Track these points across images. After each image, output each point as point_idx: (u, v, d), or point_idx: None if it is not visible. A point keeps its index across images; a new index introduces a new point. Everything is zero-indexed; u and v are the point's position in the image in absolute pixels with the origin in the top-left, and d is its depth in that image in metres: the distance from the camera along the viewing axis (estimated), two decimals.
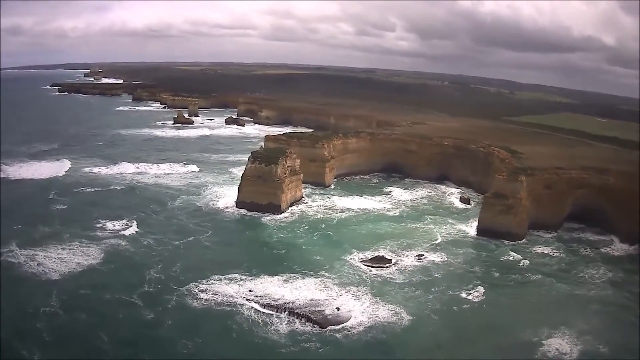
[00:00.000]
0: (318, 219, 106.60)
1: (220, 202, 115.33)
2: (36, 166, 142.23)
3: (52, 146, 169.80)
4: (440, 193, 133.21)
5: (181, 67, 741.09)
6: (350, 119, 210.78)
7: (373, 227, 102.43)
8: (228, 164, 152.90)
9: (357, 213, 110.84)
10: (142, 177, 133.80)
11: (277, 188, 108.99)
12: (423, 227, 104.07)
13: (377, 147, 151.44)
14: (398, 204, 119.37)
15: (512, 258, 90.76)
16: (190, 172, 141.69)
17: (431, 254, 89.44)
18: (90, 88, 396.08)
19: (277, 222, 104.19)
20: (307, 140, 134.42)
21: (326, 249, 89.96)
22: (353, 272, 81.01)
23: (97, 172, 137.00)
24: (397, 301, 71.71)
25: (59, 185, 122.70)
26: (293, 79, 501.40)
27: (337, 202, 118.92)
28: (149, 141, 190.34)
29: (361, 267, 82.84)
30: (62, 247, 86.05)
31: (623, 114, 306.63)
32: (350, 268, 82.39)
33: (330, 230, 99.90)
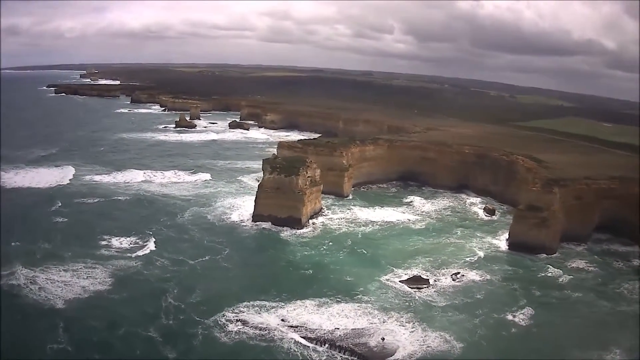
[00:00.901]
0: (342, 234, 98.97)
1: (234, 214, 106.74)
2: (34, 173, 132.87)
3: (51, 151, 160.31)
4: (462, 203, 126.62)
5: (178, 69, 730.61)
6: (360, 124, 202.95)
7: (401, 242, 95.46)
8: (237, 172, 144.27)
9: (382, 226, 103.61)
10: (147, 186, 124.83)
11: (297, 201, 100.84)
12: (453, 241, 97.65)
13: (394, 154, 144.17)
14: (422, 216, 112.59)
15: (550, 274, 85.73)
16: (198, 180, 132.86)
17: (468, 272, 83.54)
18: (87, 89, 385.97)
19: (298, 237, 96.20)
20: (325, 148, 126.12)
21: (356, 268, 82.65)
22: (392, 294, 74.02)
23: (98, 181, 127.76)
24: (444, 327, 65.52)
25: (59, 195, 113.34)
26: (292, 82, 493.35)
27: (358, 214, 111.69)
28: (152, 146, 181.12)
29: (399, 289, 75.80)
30: (65, 268, 77.13)
31: (626, 118, 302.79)
32: (388, 290, 75.39)
33: (357, 247, 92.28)
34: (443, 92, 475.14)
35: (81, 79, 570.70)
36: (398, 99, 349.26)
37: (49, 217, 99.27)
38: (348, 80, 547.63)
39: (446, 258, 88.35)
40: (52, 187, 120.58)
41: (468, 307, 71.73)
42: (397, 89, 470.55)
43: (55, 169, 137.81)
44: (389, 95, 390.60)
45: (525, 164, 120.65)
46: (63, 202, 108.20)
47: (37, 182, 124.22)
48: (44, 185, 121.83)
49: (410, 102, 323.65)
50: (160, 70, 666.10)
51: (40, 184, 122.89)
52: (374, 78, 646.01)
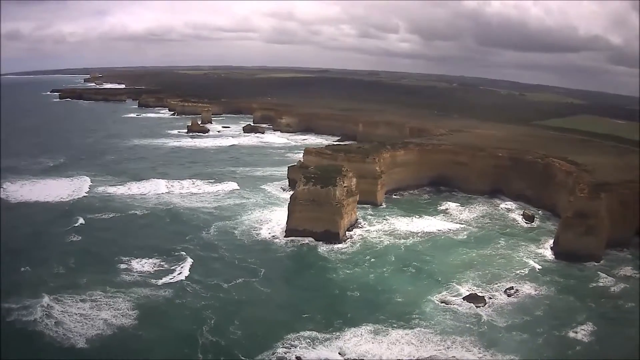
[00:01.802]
0: (383, 248, 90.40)
1: (264, 229, 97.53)
2: (42, 185, 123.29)
3: (59, 160, 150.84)
4: (498, 209, 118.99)
5: (183, 72, 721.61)
6: (380, 126, 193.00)
7: (445, 255, 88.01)
8: (259, 180, 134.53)
9: (423, 238, 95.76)
10: (165, 198, 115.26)
11: (335, 213, 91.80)
12: (498, 252, 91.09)
13: (425, 159, 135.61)
14: (461, 224, 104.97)
15: (602, 284, 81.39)
16: (220, 191, 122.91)
17: (521, 286, 77.98)
18: (92, 94, 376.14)
19: (337, 253, 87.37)
20: (356, 154, 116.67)
21: (406, 287, 75.50)
22: (449, 316, 67.65)
23: (112, 193, 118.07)
24: (511, 349, 60.72)
25: (70, 210, 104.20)
26: (300, 83, 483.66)
27: (396, 224, 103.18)
28: (166, 154, 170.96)
29: (456, 310, 69.37)
30: (82, 297, 68.13)
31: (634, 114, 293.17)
32: (445, 311, 68.89)
33: (402, 262, 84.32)
34: (453, 91, 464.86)
35: (85, 83, 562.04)
36: (410, 99, 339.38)
37: (61, 236, 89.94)
38: (356, 81, 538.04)
39: (496, 271, 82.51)
40: (63, 200, 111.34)
41: (529, 325, 66.71)
42: (407, 88, 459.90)
43: (65, 180, 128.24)
44: (400, 95, 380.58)
45: (563, 167, 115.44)
46: (75, 217, 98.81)
47: (45, 195, 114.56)
48: (53, 198, 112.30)
49: (424, 102, 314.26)
50: (164, 73, 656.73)
51: (50, 197, 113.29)
52: (381, 78, 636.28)
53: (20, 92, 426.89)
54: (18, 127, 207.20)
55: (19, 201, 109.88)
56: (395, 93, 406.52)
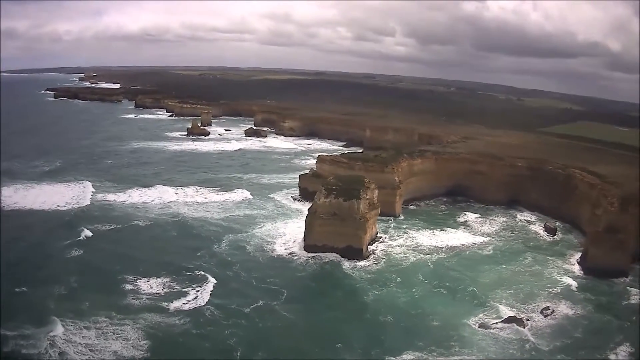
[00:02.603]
0: (409, 266, 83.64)
1: (277, 243, 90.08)
2: (37, 191, 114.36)
3: (55, 164, 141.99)
4: (517, 221, 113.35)
5: (178, 72, 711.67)
6: (389, 132, 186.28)
7: (474, 272, 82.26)
8: (266, 188, 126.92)
9: (448, 254, 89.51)
10: (170, 207, 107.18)
11: (358, 228, 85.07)
12: (526, 268, 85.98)
13: (442, 168, 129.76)
14: (484, 238, 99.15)
15: (633, 301, 77.51)
16: (227, 200, 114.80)
17: (556, 305, 73.40)
18: (87, 93, 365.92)
19: (362, 271, 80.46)
20: (374, 164, 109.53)
21: (439, 309, 69.50)
22: (490, 341, 62.21)
23: (112, 201, 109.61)
24: None
25: (68, 220, 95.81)
26: (297, 85, 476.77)
27: (418, 238, 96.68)
28: (168, 158, 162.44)
29: (496, 334, 63.85)
30: (86, 324, 60.26)
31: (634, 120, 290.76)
32: (485, 336, 63.34)
33: (431, 282, 78.01)
34: (452, 95, 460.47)
35: (80, 82, 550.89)
36: (411, 103, 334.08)
37: (61, 250, 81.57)
38: (353, 84, 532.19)
39: (528, 289, 77.42)
40: (60, 209, 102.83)
41: (571, 348, 62.70)
42: (405, 92, 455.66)
43: (62, 185, 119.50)
44: (400, 99, 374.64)
45: (585, 178, 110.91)
46: (75, 229, 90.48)
47: (41, 202, 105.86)
48: (49, 206, 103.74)
49: (425, 107, 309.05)
50: (159, 73, 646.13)
51: (46, 204, 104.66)
52: (378, 81, 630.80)
53: (14, 90, 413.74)
54: (11, 127, 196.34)
55: (13, 208, 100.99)
56: (394, 97, 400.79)
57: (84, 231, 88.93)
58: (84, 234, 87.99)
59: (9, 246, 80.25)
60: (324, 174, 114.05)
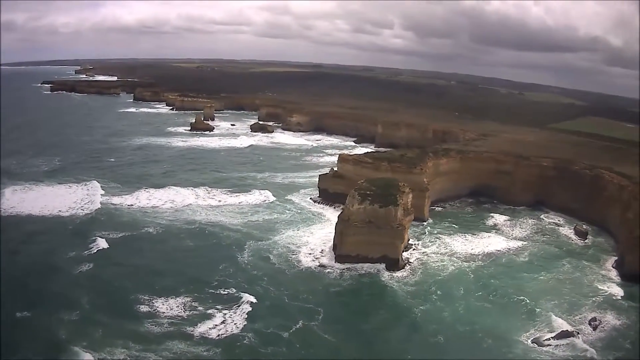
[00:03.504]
0: (448, 276, 77.22)
1: (302, 253, 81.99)
2: (36, 193, 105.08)
3: (54, 162, 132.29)
4: (546, 223, 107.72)
5: (175, 64, 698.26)
6: (402, 128, 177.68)
7: (515, 281, 77.14)
8: (281, 189, 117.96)
9: (485, 261, 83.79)
10: (183, 212, 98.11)
11: (395, 236, 77.56)
12: (565, 276, 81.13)
13: (467, 167, 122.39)
14: (517, 243, 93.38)
15: None
16: (242, 203, 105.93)
17: (602, 315, 68.98)
18: (85, 86, 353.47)
19: (402, 284, 73.52)
20: (401, 164, 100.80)
21: (488, 325, 63.77)
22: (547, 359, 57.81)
23: (119, 205, 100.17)
24: None
25: (75, 228, 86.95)
26: (297, 78, 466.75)
27: (451, 244, 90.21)
28: (174, 155, 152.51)
29: (552, 352, 59.33)
30: (101, 355, 52.06)
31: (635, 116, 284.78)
32: (540, 354, 58.78)
33: (473, 294, 72.15)
34: (454, 89, 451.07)
35: (77, 74, 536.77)
36: (415, 97, 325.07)
37: (67, 264, 72.86)
38: (352, 76, 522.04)
39: (571, 299, 72.90)
40: (62, 214, 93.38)
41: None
42: (407, 85, 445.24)
43: (62, 187, 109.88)
44: (403, 93, 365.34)
45: (614, 179, 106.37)
46: (81, 238, 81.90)
47: (41, 206, 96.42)
48: (51, 211, 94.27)
49: (430, 101, 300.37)
50: (156, 66, 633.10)
51: (47, 209, 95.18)
52: (377, 74, 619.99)
53: (11, 83, 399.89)
54: (6, 123, 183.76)
55: (10, 214, 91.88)
56: (397, 90, 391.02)
57: (92, 241, 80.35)
58: (93, 244, 79.32)
59: (8, 260, 71.21)
60: (346, 174, 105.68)
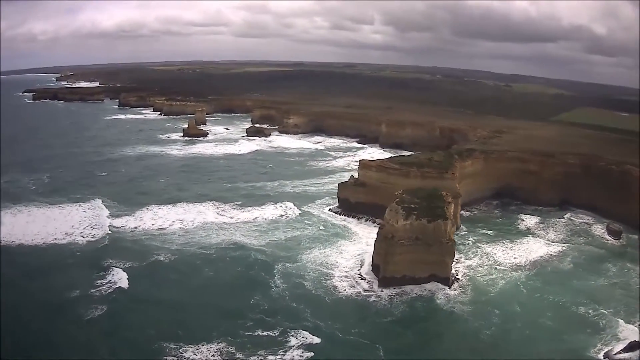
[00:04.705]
0: (499, 291, 69.84)
1: (336, 276, 72.23)
2: (25, 216, 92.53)
3: (43, 180, 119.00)
4: (577, 224, 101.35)
5: (156, 68, 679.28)
6: (407, 127, 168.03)
7: (566, 291, 70.77)
8: (295, 199, 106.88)
9: (531, 270, 77.40)
10: (194, 235, 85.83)
11: (445, 253, 68.88)
12: (614, 280, 75.69)
13: (491, 168, 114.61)
14: (556, 247, 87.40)
15: None
16: (256, 218, 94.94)
17: None
18: (67, 93, 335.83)
19: (458, 305, 65.55)
20: (431, 169, 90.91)
21: (556, 343, 57.75)
22: None
23: (120, 228, 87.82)
24: None
25: (73, 260, 74.91)
26: (281, 77, 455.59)
27: (492, 254, 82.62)
28: (170, 165, 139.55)
29: None
30: None
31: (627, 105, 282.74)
32: None
33: (531, 310, 64.92)
34: (441, 83, 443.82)
35: (57, 82, 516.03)
36: (405, 93, 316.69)
37: (72, 305, 61.18)
38: (337, 74, 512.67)
39: (627, 304, 67.54)
40: (58, 242, 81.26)
41: None
42: (393, 81, 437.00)
43: (55, 209, 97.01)
44: (392, 89, 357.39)
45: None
46: (84, 271, 70.40)
47: (34, 233, 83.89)
48: (45, 239, 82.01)
49: (422, 96, 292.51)
50: (137, 70, 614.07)
51: (40, 236, 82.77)
52: (360, 70, 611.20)
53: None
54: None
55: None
56: (384, 86, 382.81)
57: (99, 276, 68.89)
58: (101, 280, 67.74)
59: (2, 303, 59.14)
60: (368, 182, 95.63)
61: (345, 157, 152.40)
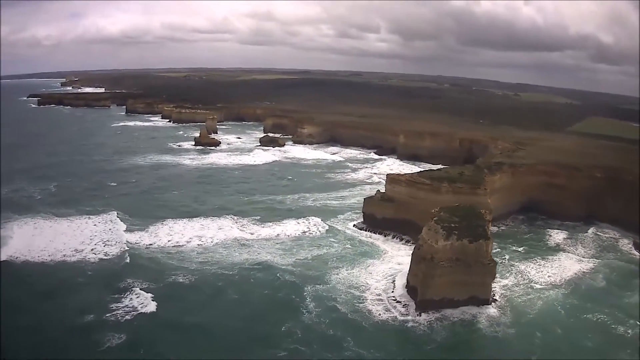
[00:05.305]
0: (538, 313, 65.66)
1: (369, 299, 67.76)
2: (31, 229, 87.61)
3: (50, 189, 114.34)
4: (604, 239, 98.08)
5: (160, 74, 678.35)
6: (426, 138, 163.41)
7: (607, 310, 67.02)
8: (317, 214, 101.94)
9: (566, 289, 73.42)
10: (214, 253, 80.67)
11: (487, 274, 65.31)
12: None
13: (518, 182, 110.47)
14: (588, 264, 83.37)
15: None
16: (279, 235, 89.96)
17: None
18: (73, 99, 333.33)
19: (501, 328, 61.15)
20: (463, 184, 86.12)
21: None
22: None
23: (134, 244, 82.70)
24: None
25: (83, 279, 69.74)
26: (289, 85, 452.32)
27: (526, 272, 78.71)
28: (184, 176, 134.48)
29: None
30: None
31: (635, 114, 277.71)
32: None
33: (574, 333, 61.20)
34: (449, 92, 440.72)
35: (62, 87, 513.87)
36: (415, 102, 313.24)
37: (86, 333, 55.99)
38: (344, 82, 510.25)
39: None
40: (67, 259, 76.02)
41: None
42: (401, 90, 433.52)
43: (63, 221, 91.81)
44: (401, 98, 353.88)
45: None
46: (95, 293, 65.39)
47: (41, 248, 78.91)
48: (53, 255, 76.76)
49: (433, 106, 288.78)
50: (143, 76, 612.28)
51: (47, 252, 77.61)
52: (366, 79, 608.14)
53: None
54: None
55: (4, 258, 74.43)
56: (394, 95, 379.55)
57: (113, 299, 63.92)
58: (115, 304, 62.68)
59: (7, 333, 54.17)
60: (396, 197, 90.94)
61: (364, 169, 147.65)
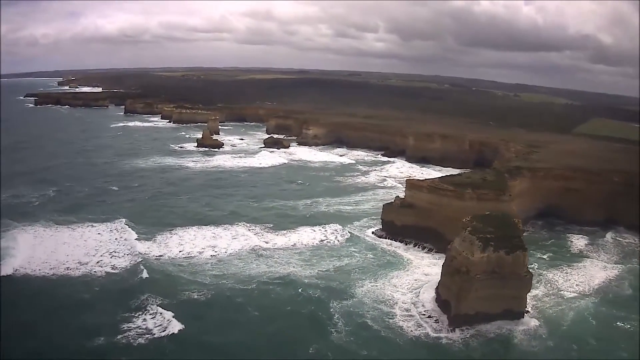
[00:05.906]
0: (570, 324, 62.91)
1: (398, 314, 63.26)
2: (31, 237, 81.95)
3: (48, 194, 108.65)
4: (624, 244, 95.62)
5: (158, 73, 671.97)
6: (436, 140, 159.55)
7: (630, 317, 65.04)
8: (332, 220, 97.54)
9: (596, 297, 70.92)
10: (229, 265, 75.70)
11: (523, 287, 61.90)
12: None
13: (537, 187, 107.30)
14: (613, 270, 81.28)
15: None
16: (295, 244, 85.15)
17: None
18: (70, 99, 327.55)
19: (536, 342, 57.95)
20: (488, 190, 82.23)
21: None
22: None
23: (143, 255, 77.58)
24: None
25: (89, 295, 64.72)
26: (288, 85, 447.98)
27: (554, 281, 75.91)
28: (190, 180, 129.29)
29: None
30: None
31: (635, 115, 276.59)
32: None
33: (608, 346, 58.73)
34: (450, 93, 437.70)
35: (59, 86, 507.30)
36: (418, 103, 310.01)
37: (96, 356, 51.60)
38: (344, 82, 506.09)
39: None
40: (70, 273, 70.31)
41: None
42: (402, 90, 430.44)
43: (65, 229, 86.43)
44: (403, 98, 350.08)
45: None
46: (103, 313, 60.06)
47: (42, 261, 72.93)
48: (55, 268, 71.05)
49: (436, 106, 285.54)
50: (140, 75, 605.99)
51: (48, 265, 71.77)
52: (366, 79, 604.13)
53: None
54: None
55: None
56: (395, 96, 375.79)
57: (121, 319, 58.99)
58: (124, 324, 57.91)
59: None
60: (417, 203, 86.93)
61: (374, 172, 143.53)
